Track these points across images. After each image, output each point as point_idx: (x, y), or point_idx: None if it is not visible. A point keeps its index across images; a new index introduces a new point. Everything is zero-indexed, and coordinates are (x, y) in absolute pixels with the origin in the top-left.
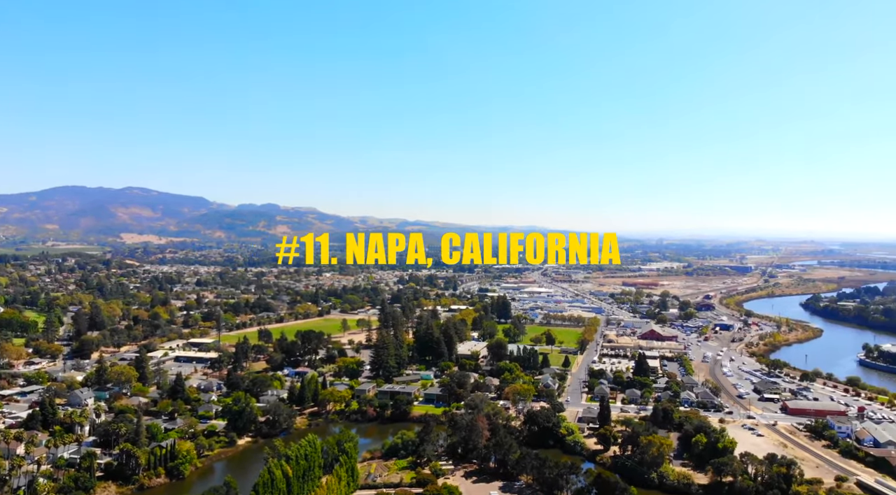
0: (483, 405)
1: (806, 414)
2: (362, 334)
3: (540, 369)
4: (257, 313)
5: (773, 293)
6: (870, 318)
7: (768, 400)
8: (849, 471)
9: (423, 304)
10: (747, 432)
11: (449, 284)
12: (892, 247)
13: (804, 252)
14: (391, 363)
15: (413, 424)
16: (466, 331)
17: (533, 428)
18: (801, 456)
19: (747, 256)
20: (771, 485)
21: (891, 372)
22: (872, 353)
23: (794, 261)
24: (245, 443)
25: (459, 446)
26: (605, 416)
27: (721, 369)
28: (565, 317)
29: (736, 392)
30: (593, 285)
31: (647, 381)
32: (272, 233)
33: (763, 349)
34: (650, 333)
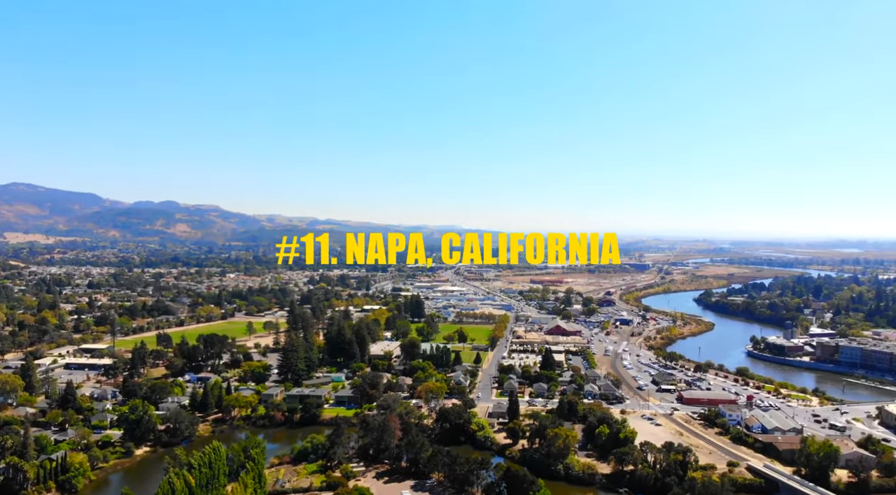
0: (396, 405)
1: (700, 404)
2: (270, 337)
3: (452, 367)
4: (156, 316)
5: (668, 289)
6: (756, 312)
7: (665, 391)
8: (739, 457)
9: (335, 305)
10: (646, 422)
11: (361, 284)
12: (777, 246)
13: (698, 250)
14: (300, 366)
15: (323, 427)
16: (379, 331)
17: (445, 426)
18: (696, 444)
19: (645, 254)
20: (668, 472)
21: (776, 362)
22: (759, 345)
23: (689, 258)
24: (143, 453)
25: (371, 447)
26: (514, 411)
27: (622, 362)
28: (477, 315)
29: (636, 384)
30: (503, 283)
31: (554, 375)
32: (171, 231)
33: (660, 342)
34: (556, 329)
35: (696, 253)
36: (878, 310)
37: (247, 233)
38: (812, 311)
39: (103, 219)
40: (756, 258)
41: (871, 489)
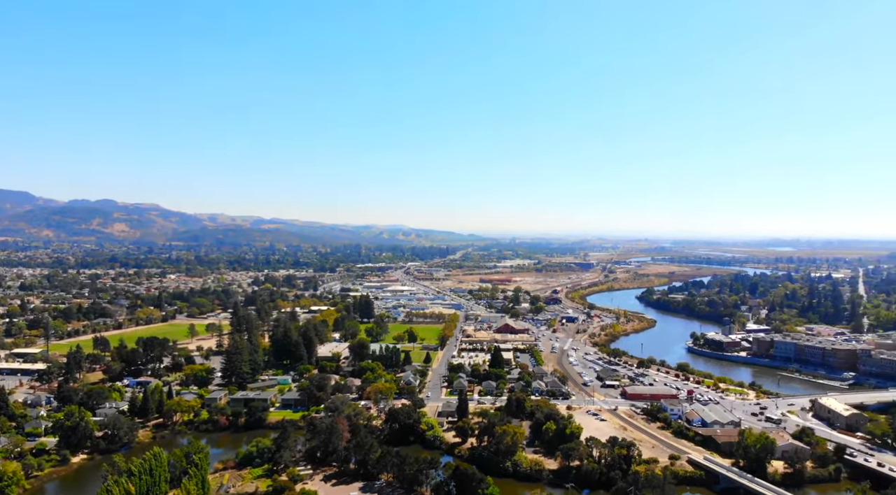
0: (344, 406)
1: (643, 399)
2: (213, 340)
3: (402, 367)
4: (92, 319)
5: (612, 287)
6: (696, 309)
7: (610, 387)
8: (681, 450)
9: (281, 306)
10: (592, 417)
11: (309, 284)
12: (715, 245)
13: (640, 249)
14: (245, 369)
15: (269, 431)
16: (327, 333)
17: (394, 426)
18: (640, 438)
19: (590, 253)
20: (613, 467)
21: (715, 357)
22: (699, 341)
23: (631, 257)
24: (80, 461)
25: (319, 450)
26: (463, 409)
27: (568, 359)
28: (427, 315)
29: (581, 380)
30: (453, 282)
31: (502, 373)
32: (108, 231)
33: (604, 339)
34: (505, 327)
35: (638, 252)
36: (810, 307)
37: (188, 232)
38: (748, 308)
39: (36, 218)
40: (696, 257)
41: (806, 479)
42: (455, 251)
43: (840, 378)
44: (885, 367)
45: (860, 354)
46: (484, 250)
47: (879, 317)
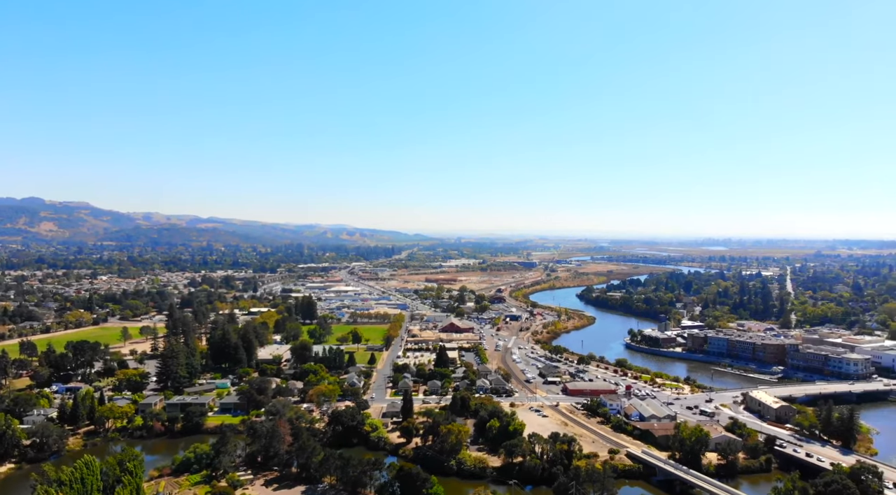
0: (285, 410)
1: (583, 394)
2: (147, 343)
3: (346, 368)
4: (18, 323)
5: (554, 286)
6: (634, 306)
7: (551, 383)
8: (620, 444)
9: (219, 308)
10: (534, 414)
11: (248, 285)
12: (652, 244)
13: (580, 249)
14: (182, 373)
15: (208, 436)
16: (268, 335)
17: (337, 429)
18: (580, 433)
19: (533, 253)
20: (555, 462)
21: (652, 353)
22: (636, 337)
23: (572, 256)
24: (7, 471)
25: (259, 454)
26: (407, 409)
27: (511, 356)
28: (372, 315)
29: (524, 377)
30: (399, 282)
31: (447, 372)
32: (35, 230)
33: (546, 336)
34: (450, 326)
35: (578, 251)
36: (741, 303)
37: (121, 232)
38: (683, 305)
39: None
40: (633, 256)
41: (739, 470)
42: (401, 251)
43: (770, 372)
44: (812, 361)
45: (788, 349)
46: (430, 250)
47: (806, 313)
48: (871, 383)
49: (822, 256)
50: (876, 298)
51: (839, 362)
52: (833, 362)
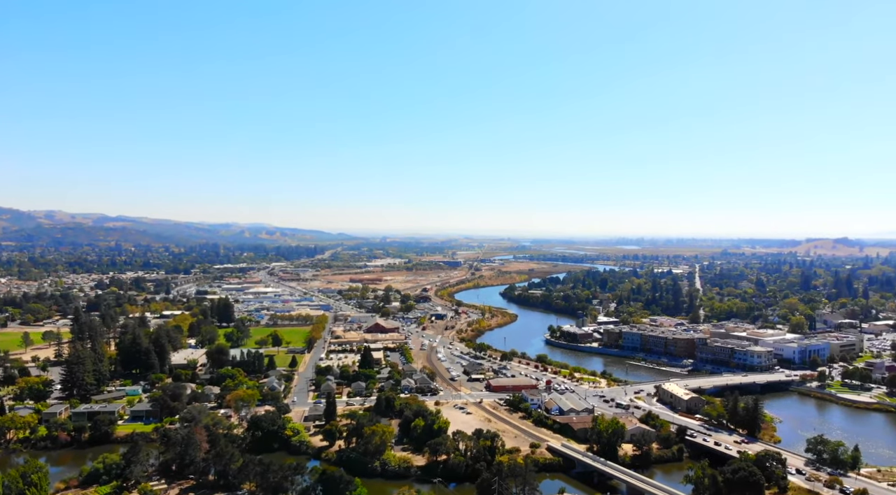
0: (202, 416)
1: (506, 390)
2: (51, 349)
3: (266, 372)
4: None
5: (478, 284)
6: (553, 304)
7: (475, 380)
8: (541, 438)
9: (129, 311)
10: (458, 411)
11: (161, 287)
12: (570, 243)
13: (503, 248)
14: (89, 379)
15: (118, 445)
16: (182, 339)
17: (257, 434)
18: (503, 429)
19: (458, 252)
20: (478, 458)
21: (570, 348)
22: (556, 333)
23: (495, 255)
24: None
25: (174, 463)
26: (331, 412)
27: (437, 355)
28: (293, 317)
29: (449, 375)
30: (322, 283)
31: (372, 373)
32: None
33: (471, 334)
34: (375, 326)
35: (501, 250)
36: (653, 300)
37: (21, 231)
38: (600, 302)
39: None
40: (553, 255)
41: (653, 460)
42: (324, 250)
43: (680, 365)
44: (719, 354)
45: (697, 343)
46: (354, 249)
47: (713, 308)
48: (774, 374)
49: (728, 255)
50: (777, 294)
51: (744, 355)
52: (739, 355)
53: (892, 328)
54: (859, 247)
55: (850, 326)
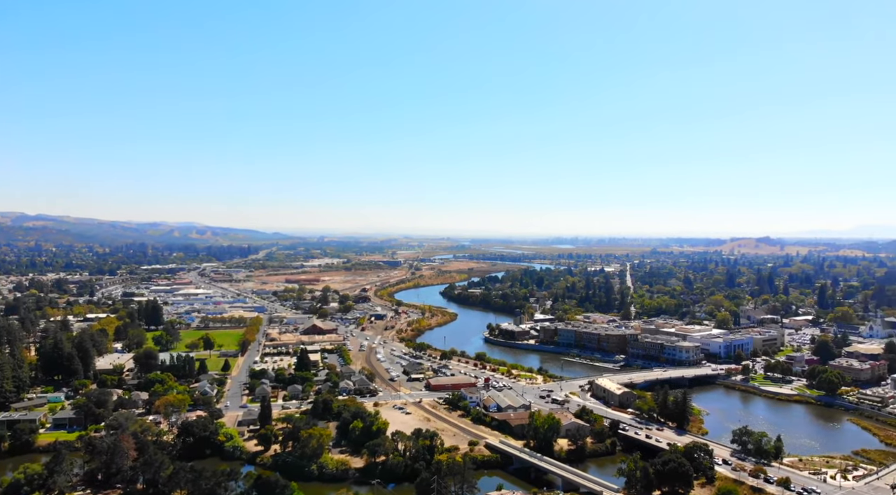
0: (129, 423)
1: (445, 389)
2: None
3: (197, 376)
4: None
5: (418, 284)
6: (492, 302)
7: (415, 380)
8: (479, 436)
9: (50, 314)
10: (398, 412)
11: (84, 289)
12: (508, 243)
13: (443, 248)
14: (7, 387)
15: (40, 455)
16: (108, 343)
17: (188, 440)
18: (442, 428)
19: (398, 252)
20: (417, 458)
21: (508, 346)
22: (494, 331)
23: (435, 255)
24: None
25: (100, 472)
26: (266, 416)
27: (376, 356)
28: (226, 319)
29: (389, 375)
30: (256, 284)
31: (309, 375)
32: None
33: (411, 334)
34: (312, 328)
35: (441, 250)
36: (587, 297)
37: None
38: (536, 300)
39: None
40: (492, 254)
41: (587, 454)
42: (258, 250)
43: (613, 360)
44: (649, 349)
45: (629, 339)
46: (290, 249)
47: (644, 305)
48: (701, 368)
49: (658, 253)
50: (704, 291)
51: (673, 350)
52: (668, 350)
53: (810, 323)
54: (780, 246)
55: (771, 322)
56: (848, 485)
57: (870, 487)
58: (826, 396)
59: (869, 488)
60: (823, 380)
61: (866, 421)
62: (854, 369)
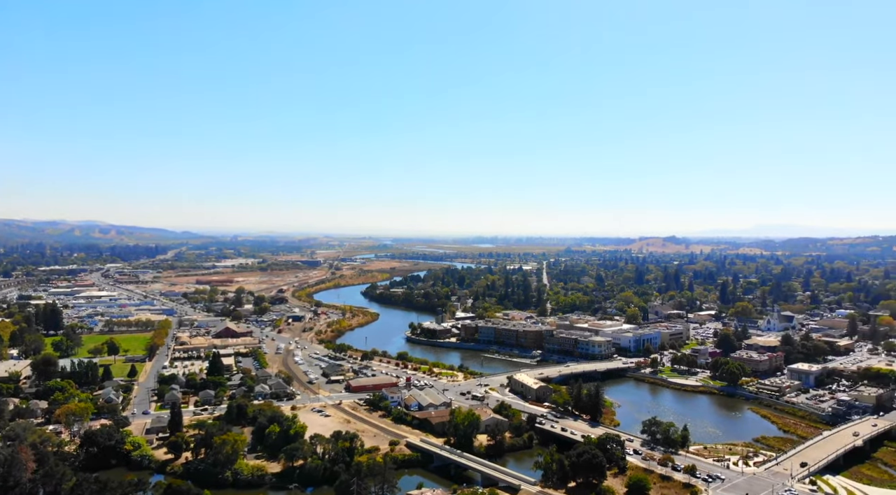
0: (27, 433)
1: (366, 390)
2: None
3: (101, 383)
4: None
5: (339, 284)
6: (414, 301)
7: (335, 382)
8: (400, 435)
9: None
10: (316, 415)
11: None
12: (430, 242)
13: (365, 247)
14: None
15: None
16: (3, 349)
17: (92, 450)
18: (362, 429)
19: (317, 251)
20: (337, 460)
21: (430, 344)
22: (416, 330)
23: (357, 254)
24: None
25: None
26: (176, 423)
27: (293, 358)
28: (132, 323)
29: (307, 378)
30: (164, 285)
31: (222, 380)
32: None
33: (331, 335)
34: (225, 331)
35: (363, 249)
36: (506, 295)
37: None
38: (458, 298)
39: None
40: (414, 253)
41: (506, 448)
42: (166, 250)
43: (530, 356)
44: (564, 344)
45: (545, 334)
46: (201, 249)
47: (559, 302)
48: (613, 362)
49: (572, 252)
50: (615, 288)
51: (586, 345)
52: (582, 345)
53: (713, 317)
54: (685, 245)
55: (678, 316)
56: (749, 471)
57: (769, 472)
58: (728, 387)
59: (768, 473)
60: (726, 372)
61: (765, 409)
62: (753, 361)
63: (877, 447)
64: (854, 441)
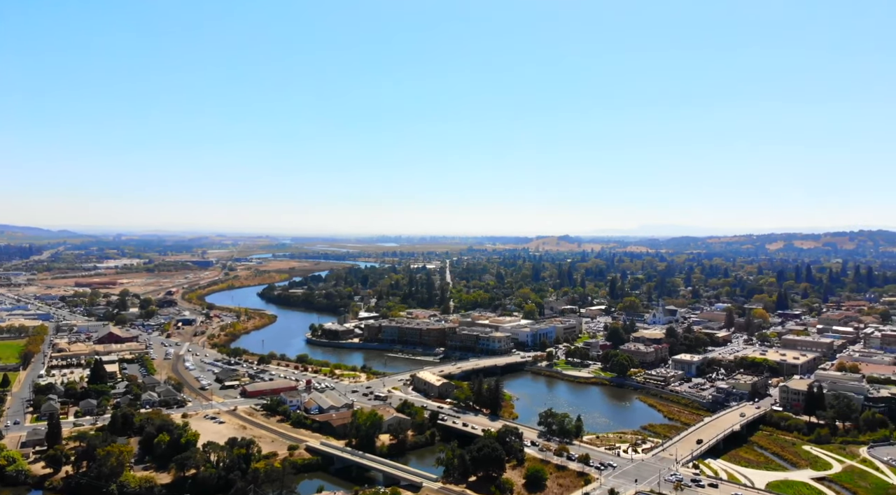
0: None
1: (263, 395)
2: None
3: None
4: None
5: (233, 285)
6: (315, 302)
7: (229, 388)
8: (300, 439)
9: None
10: (210, 422)
11: None
12: (332, 241)
13: (261, 246)
14: None
15: None
16: None
17: None
18: (259, 435)
19: (209, 251)
20: (232, 468)
21: (332, 346)
22: (317, 332)
23: (252, 254)
24: None
25: None
26: (54, 435)
27: (184, 364)
28: (3, 329)
29: (199, 384)
30: (40, 288)
31: (106, 388)
32: None
33: (224, 339)
34: (109, 336)
35: (259, 248)
36: (410, 294)
37: None
38: (361, 298)
39: None
40: (314, 252)
41: (408, 446)
42: (42, 250)
43: (433, 353)
44: (466, 341)
45: (448, 332)
46: (81, 248)
47: (462, 299)
48: (512, 357)
49: (474, 251)
50: (513, 285)
51: (487, 340)
52: (483, 341)
53: (604, 312)
54: (578, 244)
55: (571, 312)
56: (638, 458)
57: (656, 458)
58: (618, 378)
59: (656, 459)
60: (615, 363)
61: (652, 398)
62: (641, 352)
63: (752, 431)
64: (732, 425)
